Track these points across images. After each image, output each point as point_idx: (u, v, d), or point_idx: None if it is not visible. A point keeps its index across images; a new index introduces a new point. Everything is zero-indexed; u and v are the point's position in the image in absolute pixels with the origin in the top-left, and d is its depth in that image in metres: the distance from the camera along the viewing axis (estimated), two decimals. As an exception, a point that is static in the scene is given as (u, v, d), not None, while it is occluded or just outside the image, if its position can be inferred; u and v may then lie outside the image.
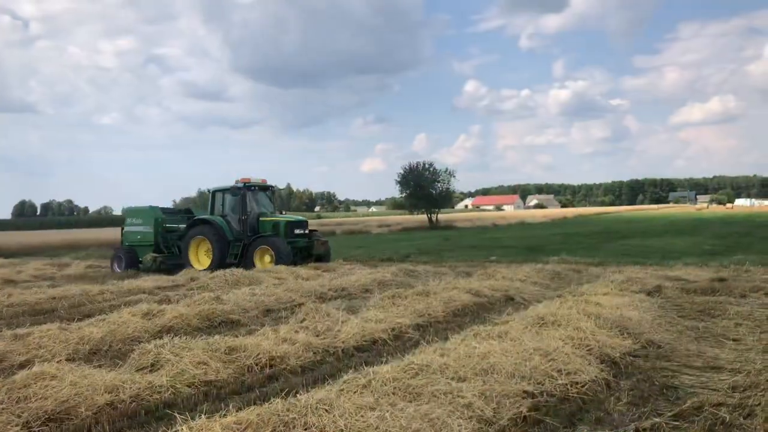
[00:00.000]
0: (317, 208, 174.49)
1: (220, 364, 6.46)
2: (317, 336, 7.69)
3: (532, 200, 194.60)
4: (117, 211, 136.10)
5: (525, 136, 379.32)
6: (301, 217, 20.40)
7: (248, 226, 18.17)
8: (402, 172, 52.92)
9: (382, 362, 6.12)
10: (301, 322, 8.29)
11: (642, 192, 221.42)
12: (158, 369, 6.19)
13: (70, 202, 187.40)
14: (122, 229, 21.19)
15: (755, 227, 35.81)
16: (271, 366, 6.63)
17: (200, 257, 18.55)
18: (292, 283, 12.92)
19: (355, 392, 4.91)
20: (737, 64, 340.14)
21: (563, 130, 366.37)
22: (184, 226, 19.51)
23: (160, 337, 7.14)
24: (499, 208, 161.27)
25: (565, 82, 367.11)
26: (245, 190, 18.44)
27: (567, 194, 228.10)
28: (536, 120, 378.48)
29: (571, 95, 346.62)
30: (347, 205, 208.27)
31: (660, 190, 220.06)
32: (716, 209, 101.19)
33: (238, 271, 14.47)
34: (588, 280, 13.10)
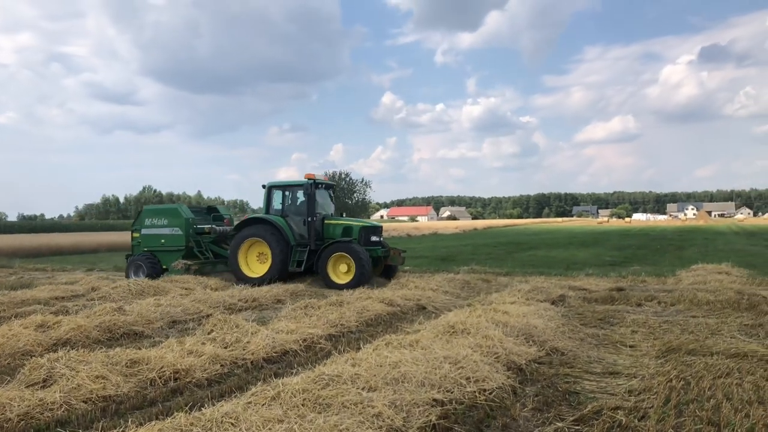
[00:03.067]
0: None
1: (121, 377, 6.14)
2: (225, 348, 7.47)
3: (445, 212, 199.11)
4: (12, 218, 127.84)
5: (439, 149, 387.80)
6: (375, 222, 17.96)
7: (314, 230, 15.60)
8: (317, 181, 52.83)
9: (292, 374, 6.03)
10: (209, 333, 8.03)
11: (548, 205, 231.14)
12: (51, 384, 5.80)
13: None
14: (133, 232, 17.88)
15: (650, 240, 38.10)
16: (175, 379, 6.37)
17: (250, 263, 15.88)
18: (200, 293, 12.50)
19: (263, 405, 4.79)
20: (636, 86, 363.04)
21: (475, 145, 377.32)
22: (210, 226, 17.12)
23: (55, 351, 6.71)
24: (413, 219, 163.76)
25: (477, 99, 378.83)
26: (314, 187, 15.76)
27: (478, 206, 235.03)
28: (450, 134, 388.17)
29: (483, 111, 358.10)
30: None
31: (564, 204, 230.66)
32: (616, 223, 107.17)
33: (143, 281, 13.86)
34: (497, 289, 13.47)
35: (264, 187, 16.34)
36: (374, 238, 15.58)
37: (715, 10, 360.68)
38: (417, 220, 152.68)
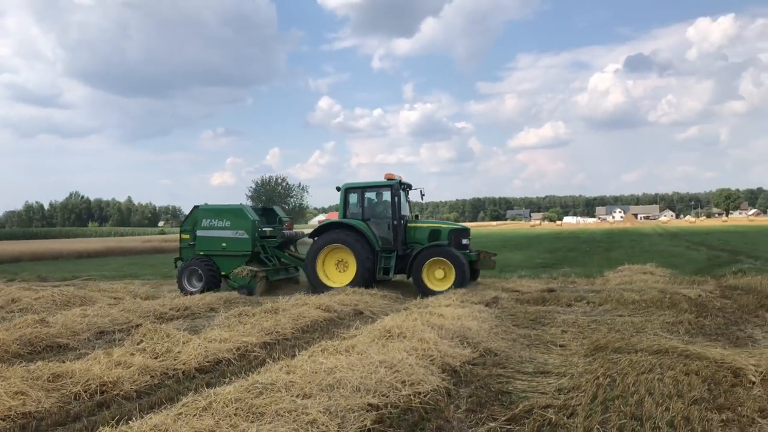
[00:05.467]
0: (161, 223, 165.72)
1: (42, 393, 5.86)
2: (156, 358, 7.25)
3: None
4: None
5: (377, 154, 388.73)
6: (463, 224, 17.03)
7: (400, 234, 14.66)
8: (253, 186, 52.09)
9: (225, 383, 5.89)
10: (138, 344, 7.77)
11: (483, 209, 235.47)
12: (-36, 403, 5.47)
13: None
14: (182, 233, 16.24)
15: (580, 242, 39.42)
16: (102, 392, 6.13)
17: (328, 271, 14.79)
18: (129, 303, 12.08)
19: (194, 415, 4.67)
20: (566, 94, 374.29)
21: (413, 150, 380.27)
22: (270, 228, 15.94)
23: (-31, 367, 6.33)
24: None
25: (414, 104, 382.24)
26: (399, 188, 14.75)
27: (415, 211, 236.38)
28: (388, 139, 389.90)
29: (420, 117, 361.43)
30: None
31: (499, 207, 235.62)
32: (547, 226, 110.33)
33: (68, 291, 13.29)
34: (432, 292, 13.58)
35: (338, 189, 15.22)
36: (465, 241, 14.82)
37: (640, 21, 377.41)
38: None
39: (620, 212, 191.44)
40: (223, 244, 15.47)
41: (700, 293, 12.37)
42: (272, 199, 55.24)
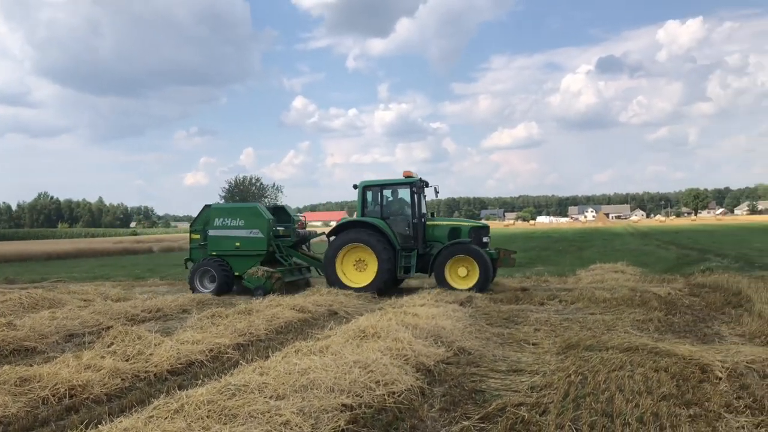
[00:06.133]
0: (133, 224, 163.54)
1: (9, 397, 5.74)
2: (127, 360, 7.15)
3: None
4: None
5: (352, 154, 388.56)
6: (482, 222, 16.77)
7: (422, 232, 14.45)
8: (227, 186, 51.66)
9: (197, 385, 5.83)
10: (109, 346, 7.66)
11: (457, 209, 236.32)
12: (-73, 409, 5.33)
13: None
14: (193, 233, 15.97)
15: (553, 242, 39.85)
16: (71, 396, 6.02)
17: (347, 271, 14.47)
18: (100, 305, 11.88)
19: (165, 418, 4.61)
20: (539, 95, 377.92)
21: (388, 150, 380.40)
22: (283, 228, 15.68)
23: (-67, 372, 6.17)
24: (326, 224, 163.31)
25: (389, 104, 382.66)
26: (419, 186, 14.51)
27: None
28: (363, 139, 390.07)
29: (395, 117, 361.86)
30: (167, 221, 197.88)
31: (473, 207, 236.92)
32: (521, 225, 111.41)
33: (36, 293, 12.99)
34: (407, 292, 13.64)
35: (356, 186, 15.00)
36: (485, 239, 14.66)
37: (611, 22, 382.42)
38: (330, 225, 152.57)
39: (592, 212, 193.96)
40: (237, 244, 15.11)
41: (670, 291, 12.61)
42: (246, 200, 54.82)
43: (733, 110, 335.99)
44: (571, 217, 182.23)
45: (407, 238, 14.47)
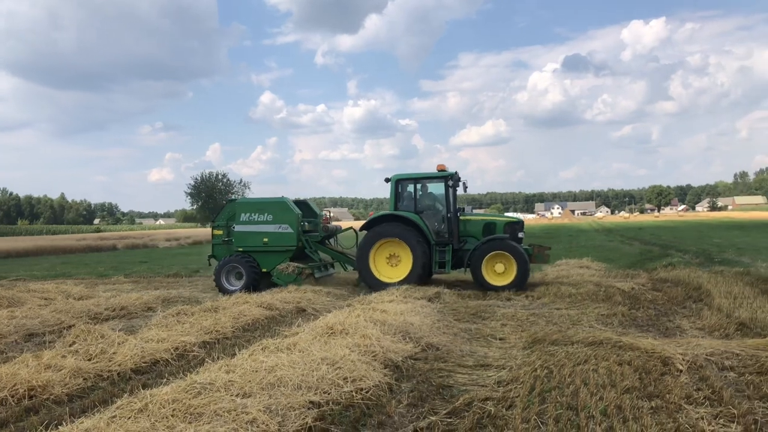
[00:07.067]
0: (97, 221, 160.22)
1: (-35, 399, 5.57)
2: (89, 360, 7.01)
3: (327, 213, 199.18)
4: None
5: (321, 150, 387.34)
6: (518, 216, 16.44)
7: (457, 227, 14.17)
8: (193, 182, 50.93)
9: (162, 384, 5.74)
10: (71, 345, 7.51)
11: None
12: None
13: None
14: (215, 228, 15.48)
15: (520, 238, 40.22)
16: (30, 397, 5.88)
17: (379, 266, 14.15)
18: (61, 303, 11.62)
19: (129, 418, 4.53)
20: (507, 92, 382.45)
21: (357, 147, 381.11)
22: (308, 223, 15.27)
23: None
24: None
25: (358, 101, 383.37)
26: (454, 180, 14.13)
27: (360, 207, 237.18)
28: (331, 135, 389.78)
29: (364, 113, 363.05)
30: (132, 218, 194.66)
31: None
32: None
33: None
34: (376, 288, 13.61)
35: (388, 180, 14.60)
36: (521, 235, 14.33)
37: (577, 22, 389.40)
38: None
39: (558, 208, 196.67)
40: (265, 240, 14.71)
41: (633, 286, 12.84)
42: (212, 196, 54.28)
43: (693, 109, 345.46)
44: (538, 214, 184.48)
45: (441, 233, 14.25)
